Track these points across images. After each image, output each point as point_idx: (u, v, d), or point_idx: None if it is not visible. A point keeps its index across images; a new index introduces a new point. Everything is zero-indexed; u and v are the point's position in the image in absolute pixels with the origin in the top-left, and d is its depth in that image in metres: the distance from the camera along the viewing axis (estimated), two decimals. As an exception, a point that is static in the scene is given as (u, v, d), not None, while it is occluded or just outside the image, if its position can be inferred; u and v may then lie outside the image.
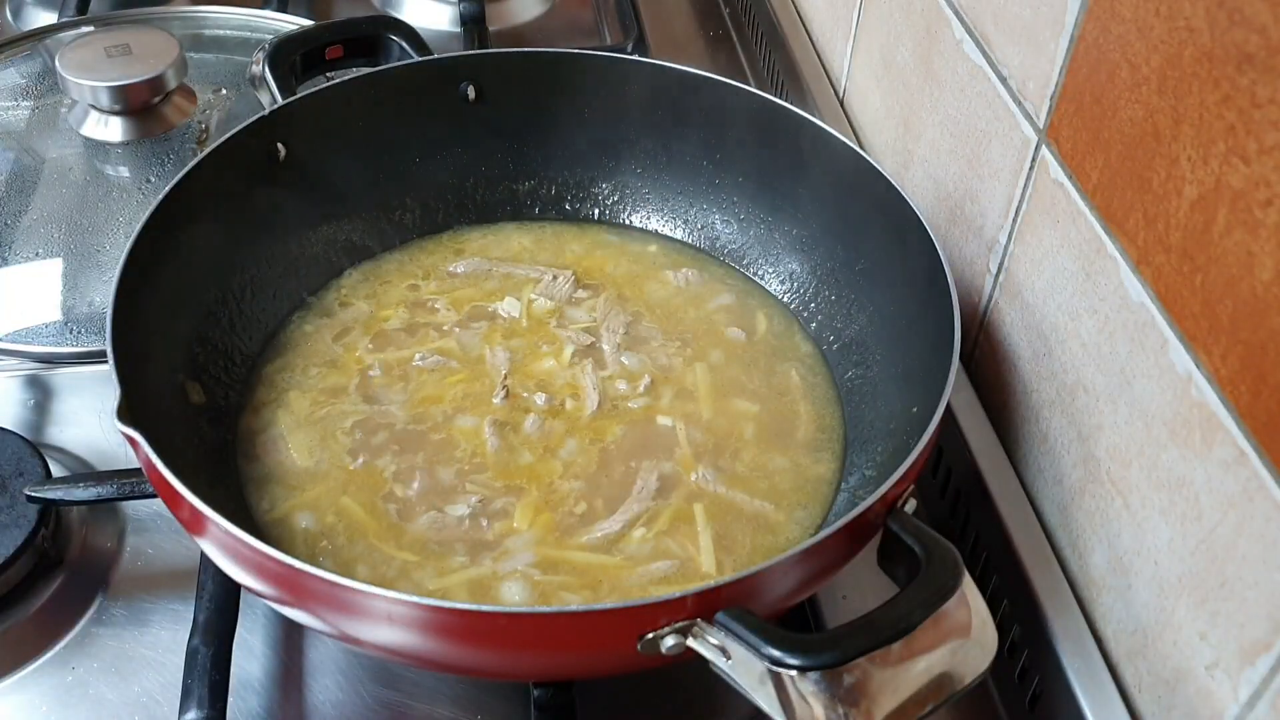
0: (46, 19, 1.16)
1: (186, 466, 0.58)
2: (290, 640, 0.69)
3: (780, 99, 0.81)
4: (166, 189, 0.70)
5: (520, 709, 0.66)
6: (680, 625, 0.51)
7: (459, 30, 1.18)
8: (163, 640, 0.69)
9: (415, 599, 0.51)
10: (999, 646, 0.53)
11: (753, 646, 0.49)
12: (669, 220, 0.88)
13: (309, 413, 0.74)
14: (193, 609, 0.65)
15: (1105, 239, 0.61)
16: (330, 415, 0.73)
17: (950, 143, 0.81)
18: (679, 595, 0.51)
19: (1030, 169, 0.69)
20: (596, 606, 0.52)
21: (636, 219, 0.89)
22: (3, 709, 0.66)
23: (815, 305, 0.81)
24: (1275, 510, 0.49)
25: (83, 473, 0.76)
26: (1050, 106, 0.67)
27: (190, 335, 0.72)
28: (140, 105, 0.94)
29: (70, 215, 0.89)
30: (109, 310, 0.62)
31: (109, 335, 0.61)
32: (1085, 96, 0.63)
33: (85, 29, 1.05)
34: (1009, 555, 0.67)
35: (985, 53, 0.75)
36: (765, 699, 0.50)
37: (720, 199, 0.87)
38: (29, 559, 0.70)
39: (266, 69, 0.82)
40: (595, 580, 0.65)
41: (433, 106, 0.85)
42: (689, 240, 0.88)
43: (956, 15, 0.79)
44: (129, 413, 0.57)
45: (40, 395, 0.82)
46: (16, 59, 1.04)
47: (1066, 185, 0.65)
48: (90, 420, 0.81)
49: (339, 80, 0.82)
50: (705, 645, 0.51)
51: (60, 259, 0.87)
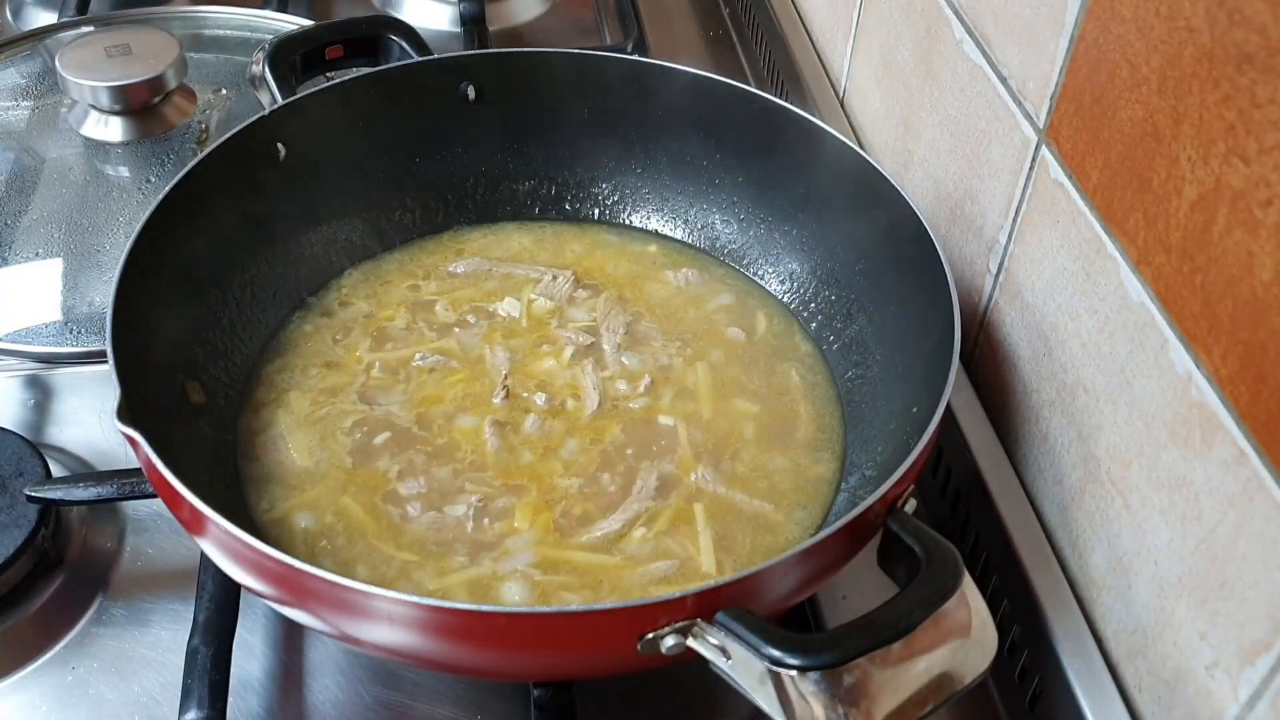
0: (46, 19, 1.16)
1: (186, 466, 0.58)
2: (290, 640, 0.69)
3: (780, 99, 0.81)
4: (166, 189, 0.70)
5: (520, 709, 0.66)
6: (680, 625, 0.51)
7: (459, 30, 1.18)
8: (163, 640, 0.69)
9: (415, 599, 0.51)
10: (999, 646, 0.53)
11: (753, 646, 0.49)
12: (669, 220, 0.88)
13: (309, 413, 0.74)
14: (193, 609, 0.65)
15: (1105, 239, 0.61)
16: (330, 415, 0.73)
17: (950, 143, 0.81)
18: (679, 595, 0.51)
19: (1030, 169, 0.69)
20: (596, 606, 0.52)
21: (636, 219, 0.89)
22: (3, 709, 0.66)
23: (815, 305, 0.81)
24: (1275, 510, 0.49)
25: (83, 473, 0.76)
26: (1050, 106, 0.67)
27: (190, 335, 0.72)
28: (140, 105, 0.94)
29: (70, 215, 0.89)
30: (109, 310, 0.62)
31: (109, 335, 0.61)
32: (1085, 96, 0.63)
33: (85, 29, 1.05)
34: (1009, 555, 0.67)
35: (985, 53, 0.75)
36: (765, 699, 0.50)
37: (720, 199, 0.87)
38: (29, 559, 0.70)
39: (266, 69, 0.82)
40: (595, 580, 0.65)
41: (433, 106, 0.85)
42: (689, 240, 0.88)
43: (956, 15, 0.79)
44: (129, 413, 0.57)
45: (40, 395, 0.82)
46: (16, 59, 1.04)
47: (1066, 185, 0.65)
48: (90, 420, 0.81)
49: (339, 80, 0.82)
50: (705, 645, 0.51)
51: (60, 259, 0.87)
